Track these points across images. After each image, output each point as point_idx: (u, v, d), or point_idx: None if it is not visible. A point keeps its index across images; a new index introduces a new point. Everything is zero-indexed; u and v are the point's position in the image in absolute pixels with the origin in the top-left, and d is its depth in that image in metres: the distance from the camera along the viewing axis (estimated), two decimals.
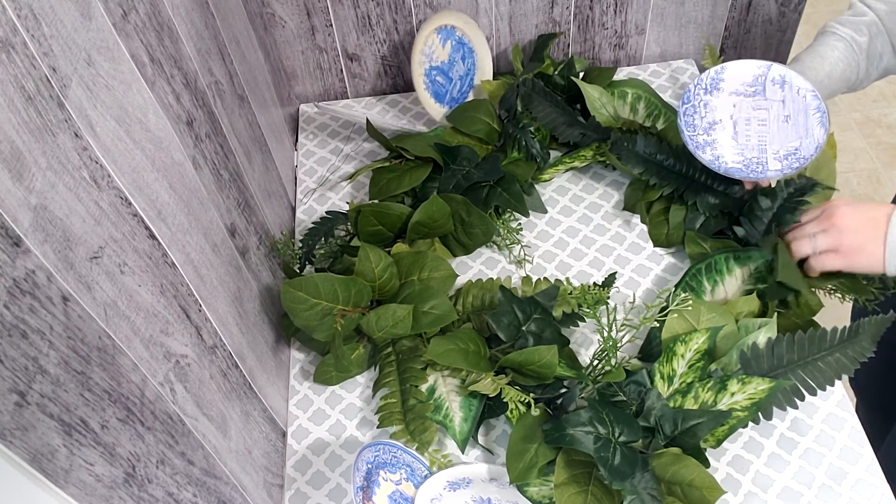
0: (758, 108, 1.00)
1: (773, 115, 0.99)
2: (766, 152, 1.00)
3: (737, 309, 0.97)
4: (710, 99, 1.01)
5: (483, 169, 1.13)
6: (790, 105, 0.98)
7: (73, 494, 0.49)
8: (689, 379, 0.91)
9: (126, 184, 0.62)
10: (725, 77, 1.01)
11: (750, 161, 1.00)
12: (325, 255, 1.11)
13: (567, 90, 1.24)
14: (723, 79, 1.01)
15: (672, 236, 1.11)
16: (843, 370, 0.89)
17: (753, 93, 1.00)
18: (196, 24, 0.89)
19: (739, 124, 1.01)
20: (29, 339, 0.46)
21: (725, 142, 1.01)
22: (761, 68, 0.99)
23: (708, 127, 1.02)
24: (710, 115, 1.02)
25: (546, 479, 0.87)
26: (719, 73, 1.01)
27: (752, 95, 1.00)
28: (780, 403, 0.89)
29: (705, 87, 1.01)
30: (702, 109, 1.02)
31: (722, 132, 1.01)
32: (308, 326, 0.96)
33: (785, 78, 0.98)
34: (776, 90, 0.99)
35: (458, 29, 1.28)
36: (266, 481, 0.90)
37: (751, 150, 1.00)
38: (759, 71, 0.99)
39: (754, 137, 1.00)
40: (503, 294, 0.96)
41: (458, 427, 0.94)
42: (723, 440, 0.88)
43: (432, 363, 0.97)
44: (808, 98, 0.97)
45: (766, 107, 0.99)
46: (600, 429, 0.85)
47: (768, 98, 0.99)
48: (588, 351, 1.03)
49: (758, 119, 1.00)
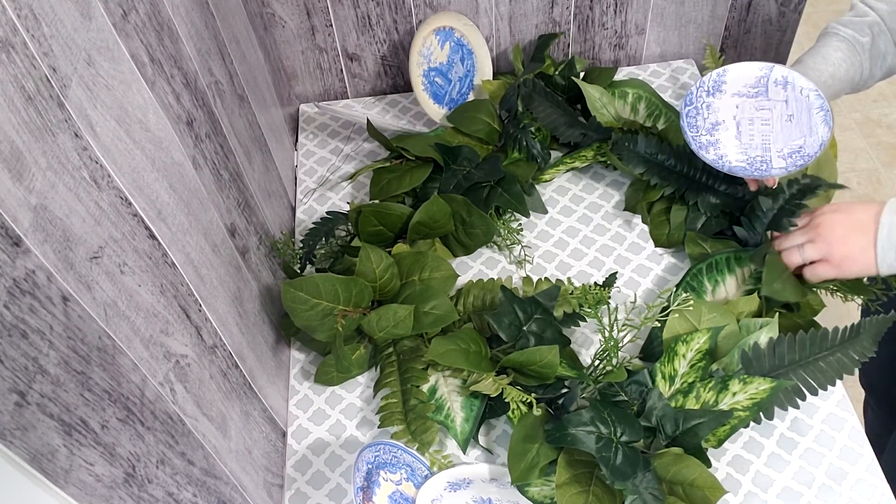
0: (761, 108, 1.00)
1: (776, 115, 0.99)
2: (769, 151, 0.99)
3: (738, 309, 0.97)
4: (713, 100, 1.01)
5: (483, 169, 1.13)
6: (793, 105, 0.98)
7: (73, 494, 0.49)
8: (690, 379, 0.91)
9: (126, 184, 0.62)
10: (728, 79, 1.01)
11: (754, 160, 1.00)
12: (325, 256, 1.11)
13: (568, 90, 1.24)
14: (725, 81, 1.01)
15: (673, 236, 1.11)
16: (844, 370, 0.88)
17: (756, 93, 1.00)
18: (196, 24, 0.88)
19: (743, 124, 1.01)
20: (29, 339, 0.46)
21: (729, 142, 1.01)
22: (763, 70, 0.99)
23: (711, 128, 1.01)
24: (713, 115, 1.01)
25: (547, 479, 0.87)
26: (721, 75, 1.01)
27: (755, 96, 1.00)
28: (782, 403, 0.89)
29: (707, 89, 1.01)
30: (704, 111, 1.02)
31: (725, 132, 1.01)
32: (309, 327, 0.96)
33: (787, 78, 0.98)
34: (779, 90, 0.99)
35: (457, 30, 1.28)
36: (266, 481, 0.90)
37: (754, 149, 1.00)
38: (762, 72, 0.99)
39: (758, 137, 1.00)
40: (504, 294, 0.96)
41: (460, 427, 0.94)
42: (724, 440, 0.88)
43: (433, 363, 0.97)
44: (811, 97, 0.97)
45: (769, 107, 0.99)
46: (602, 428, 0.85)
47: (771, 98, 0.99)
48: (589, 351, 1.03)
49: (761, 119, 1.00)
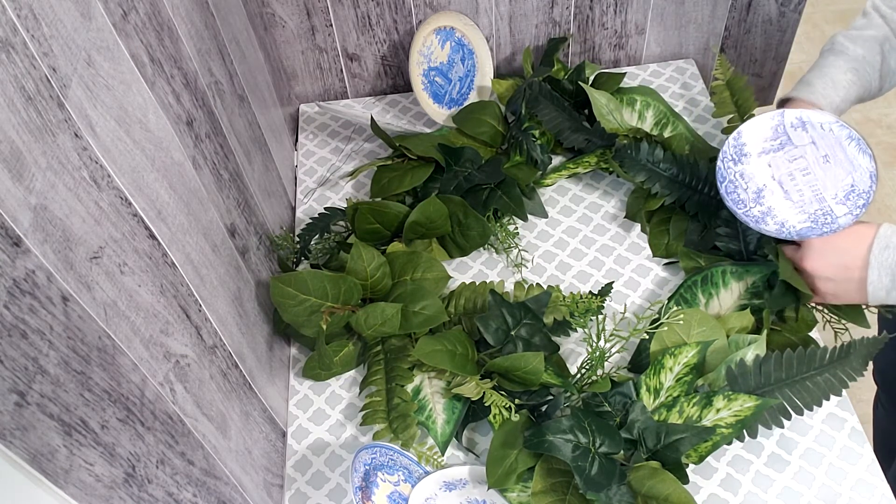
0: (793, 158, 0.94)
1: (811, 161, 0.93)
2: (825, 201, 0.92)
3: (729, 324, 0.95)
4: (743, 168, 0.95)
5: (485, 171, 1.13)
6: (822, 143, 0.92)
7: (73, 494, 0.49)
8: (675, 393, 0.90)
9: (126, 184, 0.62)
10: (745, 141, 0.95)
11: (815, 216, 0.92)
12: (322, 252, 1.12)
13: (576, 95, 1.23)
14: (744, 143, 0.95)
15: (672, 247, 1.10)
16: (832, 390, 0.87)
17: (781, 145, 0.94)
18: (196, 24, 0.88)
19: (785, 182, 0.94)
20: (29, 339, 0.46)
21: (781, 205, 0.94)
22: (775, 118, 0.94)
23: (756, 197, 0.95)
24: (752, 183, 0.95)
25: (525, 485, 0.87)
26: (737, 139, 0.95)
27: (781, 148, 0.94)
28: (767, 422, 0.88)
29: (732, 158, 0.96)
30: (740, 181, 0.95)
31: (772, 197, 0.94)
32: (296, 322, 0.97)
33: (802, 118, 0.93)
34: (801, 134, 0.93)
35: (458, 30, 1.28)
36: (266, 481, 0.90)
37: (810, 204, 0.93)
38: (775, 121, 0.94)
39: (807, 190, 0.93)
40: (493, 298, 0.96)
41: (441, 429, 0.94)
42: (705, 456, 0.87)
43: (419, 364, 0.97)
44: (834, 130, 0.91)
45: (800, 154, 0.93)
46: (581, 437, 0.84)
47: (798, 145, 0.93)
48: (580, 360, 1.03)
49: (800, 170, 0.94)
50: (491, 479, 0.86)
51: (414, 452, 0.92)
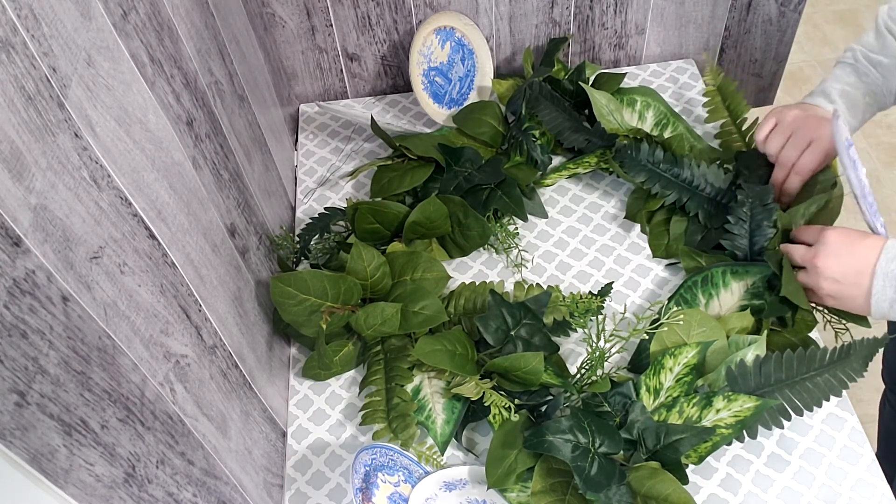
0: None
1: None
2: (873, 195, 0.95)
3: (729, 325, 0.95)
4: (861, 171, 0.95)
5: (485, 171, 1.13)
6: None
7: (73, 494, 0.49)
8: (675, 393, 0.90)
9: (126, 184, 0.62)
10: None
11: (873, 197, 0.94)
12: (322, 251, 1.12)
13: (576, 95, 1.23)
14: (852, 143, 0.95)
15: (672, 248, 1.10)
16: (832, 391, 0.87)
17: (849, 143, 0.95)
18: (196, 24, 0.88)
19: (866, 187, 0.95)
20: (29, 339, 0.46)
21: None
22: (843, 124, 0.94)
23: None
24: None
25: (525, 485, 0.87)
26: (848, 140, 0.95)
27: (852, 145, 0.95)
28: (766, 423, 0.88)
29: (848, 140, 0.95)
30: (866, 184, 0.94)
31: None
32: (296, 322, 0.97)
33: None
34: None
35: (458, 30, 1.28)
36: (266, 481, 0.90)
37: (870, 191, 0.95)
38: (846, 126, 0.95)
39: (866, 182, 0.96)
40: (492, 298, 0.96)
41: (440, 429, 0.94)
42: (705, 457, 0.87)
43: (419, 364, 0.97)
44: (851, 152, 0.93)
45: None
46: (580, 438, 0.84)
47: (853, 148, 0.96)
48: (580, 360, 1.03)
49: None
50: (490, 479, 0.86)
51: (414, 452, 0.92)
